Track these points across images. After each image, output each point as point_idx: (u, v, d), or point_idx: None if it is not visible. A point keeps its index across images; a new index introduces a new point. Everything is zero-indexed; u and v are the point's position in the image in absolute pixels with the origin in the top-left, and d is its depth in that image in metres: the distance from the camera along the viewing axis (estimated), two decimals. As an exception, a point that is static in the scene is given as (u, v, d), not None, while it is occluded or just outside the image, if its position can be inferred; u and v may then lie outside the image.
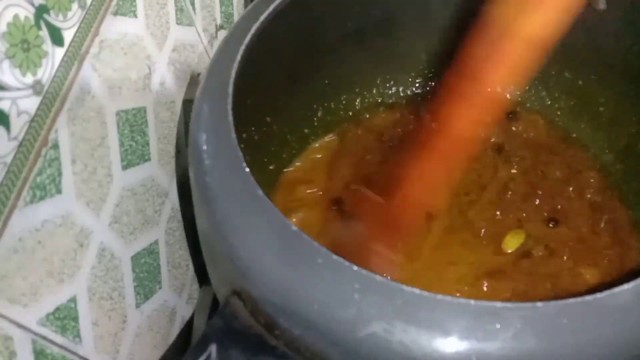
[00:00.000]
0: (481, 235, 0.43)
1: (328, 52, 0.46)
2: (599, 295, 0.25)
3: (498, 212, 0.44)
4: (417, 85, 0.53)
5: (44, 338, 0.28)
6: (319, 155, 0.49)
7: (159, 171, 0.39)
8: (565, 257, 0.42)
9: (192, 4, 0.43)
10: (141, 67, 0.36)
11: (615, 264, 0.42)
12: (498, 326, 0.24)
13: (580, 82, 0.49)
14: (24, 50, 0.26)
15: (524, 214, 0.44)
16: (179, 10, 0.41)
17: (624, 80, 0.46)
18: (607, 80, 0.47)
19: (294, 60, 0.43)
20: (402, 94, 0.52)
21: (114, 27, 0.33)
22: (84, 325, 0.31)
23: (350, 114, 0.51)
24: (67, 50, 0.29)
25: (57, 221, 0.29)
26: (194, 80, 0.43)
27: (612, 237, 0.43)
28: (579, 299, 0.25)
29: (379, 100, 0.52)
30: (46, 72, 0.27)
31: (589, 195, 0.46)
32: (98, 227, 0.32)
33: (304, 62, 0.45)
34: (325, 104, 0.50)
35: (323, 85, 0.49)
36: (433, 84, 0.53)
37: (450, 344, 0.24)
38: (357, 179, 0.47)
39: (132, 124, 0.36)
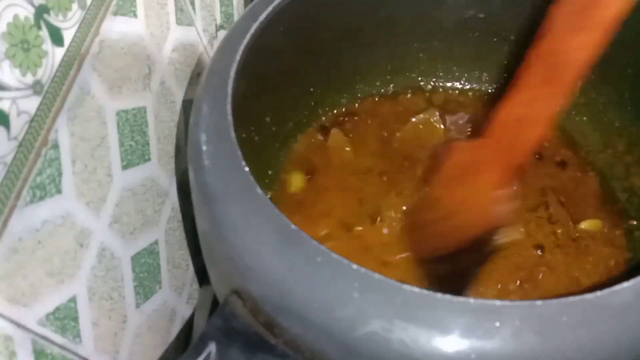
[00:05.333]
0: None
1: (327, 52, 0.47)
2: (598, 293, 0.25)
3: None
4: (416, 85, 0.53)
5: (44, 338, 0.28)
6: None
7: (159, 171, 0.39)
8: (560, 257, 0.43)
9: (192, 4, 0.43)
10: (141, 67, 0.36)
11: (611, 267, 0.42)
12: (497, 324, 0.24)
13: (579, 83, 0.49)
14: (24, 50, 0.26)
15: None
16: (179, 10, 0.41)
17: (623, 80, 0.46)
18: (607, 80, 0.47)
19: (293, 60, 0.44)
20: (402, 94, 0.53)
21: (114, 27, 0.33)
22: (84, 325, 0.31)
23: (351, 114, 0.51)
24: (67, 50, 0.29)
25: (57, 221, 0.29)
26: (194, 80, 0.43)
27: (608, 237, 0.44)
28: (578, 297, 0.25)
29: (379, 101, 0.52)
30: (46, 72, 0.27)
31: (586, 195, 0.46)
32: (98, 227, 0.32)
33: (304, 62, 0.45)
34: (325, 104, 0.50)
35: (323, 85, 0.49)
36: (431, 85, 0.53)
37: (450, 342, 0.24)
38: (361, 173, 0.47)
39: (132, 124, 0.36)
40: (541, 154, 0.48)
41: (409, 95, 0.52)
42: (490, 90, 0.53)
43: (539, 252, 0.43)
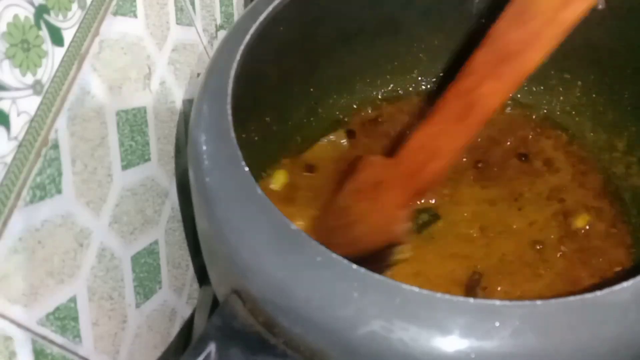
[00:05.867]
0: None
1: (327, 52, 0.47)
2: (598, 293, 0.25)
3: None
4: (416, 85, 0.53)
5: (44, 338, 0.28)
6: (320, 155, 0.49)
7: (159, 171, 0.39)
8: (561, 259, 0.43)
9: (192, 4, 0.43)
10: (141, 67, 0.36)
11: (612, 266, 0.42)
12: (497, 324, 0.24)
13: (579, 82, 0.49)
14: (24, 50, 0.26)
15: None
16: (179, 10, 0.41)
17: (623, 80, 0.46)
18: (607, 80, 0.47)
19: (293, 60, 0.44)
20: (402, 94, 0.53)
21: (114, 27, 0.33)
22: (84, 325, 0.31)
23: (351, 114, 0.51)
24: (67, 50, 0.29)
25: (57, 221, 0.29)
26: (193, 80, 0.43)
27: (608, 238, 0.44)
28: (578, 297, 0.25)
29: (379, 101, 0.52)
30: (46, 72, 0.27)
31: (588, 195, 0.46)
32: (98, 227, 0.32)
33: (304, 62, 0.45)
34: (325, 104, 0.50)
35: (323, 85, 0.49)
36: (431, 85, 0.53)
37: (450, 342, 0.24)
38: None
39: (132, 124, 0.36)
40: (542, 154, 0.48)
41: (409, 95, 0.52)
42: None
43: (538, 247, 0.43)
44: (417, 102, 0.52)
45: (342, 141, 0.49)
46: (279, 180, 0.46)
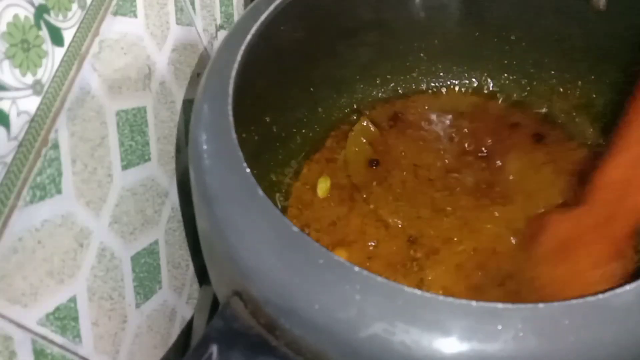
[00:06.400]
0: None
1: (328, 52, 0.47)
2: (600, 295, 0.25)
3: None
4: (416, 85, 0.53)
5: (44, 338, 0.28)
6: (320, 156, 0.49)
7: (159, 171, 0.39)
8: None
9: (192, 4, 0.43)
10: (141, 67, 0.36)
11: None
12: (499, 327, 0.24)
13: (579, 82, 0.49)
14: (24, 50, 0.26)
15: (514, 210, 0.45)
16: (179, 10, 0.41)
17: (623, 80, 0.46)
18: (607, 80, 0.47)
19: (293, 60, 0.44)
20: (402, 94, 0.53)
21: (114, 27, 0.33)
22: (84, 325, 0.31)
23: (351, 113, 0.51)
24: (67, 50, 0.29)
25: (57, 221, 0.29)
26: (194, 80, 0.43)
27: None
28: (580, 300, 0.25)
29: (380, 100, 0.52)
30: (46, 72, 0.27)
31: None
32: (98, 227, 0.32)
33: (304, 62, 0.45)
34: (326, 104, 0.50)
35: (323, 85, 0.49)
36: (430, 85, 0.53)
37: (452, 344, 0.24)
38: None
39: (132, 124, 0.36)
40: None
41: (410, 95, 0.52)
42: (488, 90, 0.53)
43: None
44: (419, 102, 0.52)
45: (369, 126, 0.50)
46: (324, 187, 0.46)
